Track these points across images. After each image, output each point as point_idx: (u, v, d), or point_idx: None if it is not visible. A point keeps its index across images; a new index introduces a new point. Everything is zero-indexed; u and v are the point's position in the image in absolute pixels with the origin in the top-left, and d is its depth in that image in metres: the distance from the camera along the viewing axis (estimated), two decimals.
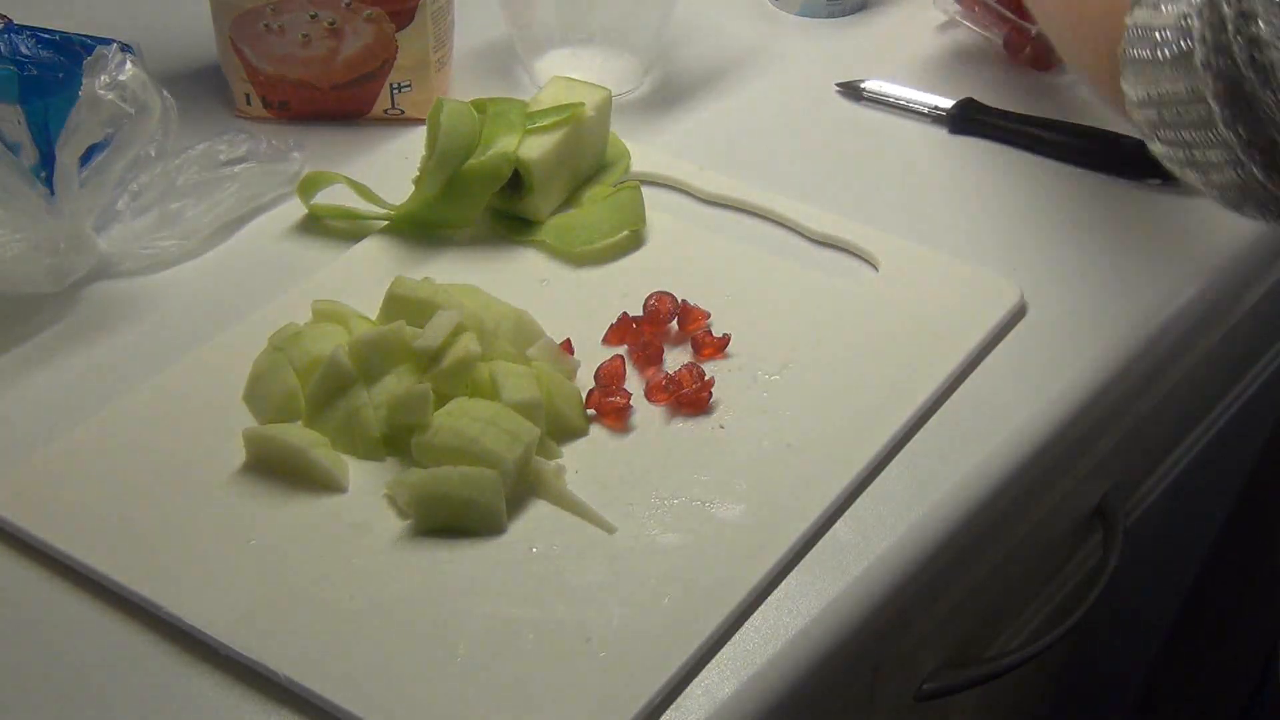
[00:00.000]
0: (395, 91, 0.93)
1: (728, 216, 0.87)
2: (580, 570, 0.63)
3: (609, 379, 0.71)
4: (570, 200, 0.85)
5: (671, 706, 0.58)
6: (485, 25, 1.01)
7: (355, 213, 0.84)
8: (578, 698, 0.57)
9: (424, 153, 0.82)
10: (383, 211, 0.83)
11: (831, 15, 1.09)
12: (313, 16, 0.89)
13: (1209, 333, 0.87)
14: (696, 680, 0.59)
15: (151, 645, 0.60)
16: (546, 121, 0.83)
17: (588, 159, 0.87)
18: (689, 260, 0.81)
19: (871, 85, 0.99)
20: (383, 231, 0.83)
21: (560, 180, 0.84)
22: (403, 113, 0.94)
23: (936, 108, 0.96)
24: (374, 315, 0.74)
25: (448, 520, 0.64)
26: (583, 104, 0.84)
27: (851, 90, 0.99)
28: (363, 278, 0.78)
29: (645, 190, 0.85)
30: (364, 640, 0.59)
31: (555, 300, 0.78)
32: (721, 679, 0.59)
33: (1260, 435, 1.22)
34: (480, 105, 0.84)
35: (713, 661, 0.60)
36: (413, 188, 0.82)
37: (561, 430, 0.69)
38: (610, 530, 0.64)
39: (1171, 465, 1.03)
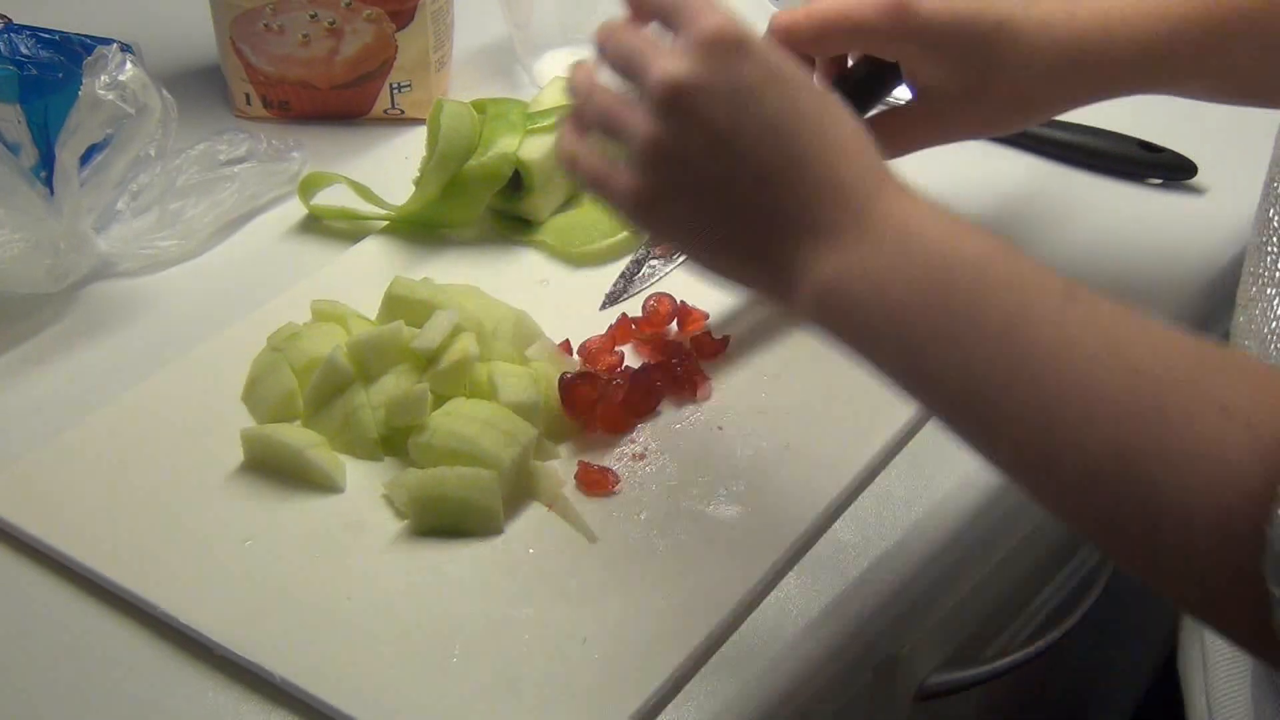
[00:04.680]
0: (395, 91, 0.93)
1: None
2: (577, 571, 0.63)
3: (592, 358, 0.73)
4: (570, 201, 0.85)
5: (668, 707, 0.58)
6: (485, 25, 1.01)
7: (355, 213, 0.84)
8: (573, 698, 0.57)
9: (424, 153, 0.82)
10: (383, 212, 0.83)
11: None
12: (313, 16, 0.89)
13: (1209, 332, 0.87)
14: (693, 681, 0.59)
15: (148, 645, 0.60)
16: (547, 122, 0.83)
17: None
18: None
19: None
20: (383, 231, 0.83)
21: (560, 181, 0.84)
22: (403, 113, 0.94)
23: None
24: (374, 315, 0.74)
25: (445, 521, 0.64)
26: None
27: None
28: (362, 278, 0.78)
29: None
30: (360, 640, 0.59)
31: (555, 301, 0.78)
32: (719, 680, 0.59)
33: None
34: (480, 106, 0.84)
35: (710, 662, 0.60)
36: (413, 188, 0.82)
37: (559, 430, 0.69)
38: (592, 539, 0.64)
39: None
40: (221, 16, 0.91)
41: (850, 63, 0.74)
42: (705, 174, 0.56)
